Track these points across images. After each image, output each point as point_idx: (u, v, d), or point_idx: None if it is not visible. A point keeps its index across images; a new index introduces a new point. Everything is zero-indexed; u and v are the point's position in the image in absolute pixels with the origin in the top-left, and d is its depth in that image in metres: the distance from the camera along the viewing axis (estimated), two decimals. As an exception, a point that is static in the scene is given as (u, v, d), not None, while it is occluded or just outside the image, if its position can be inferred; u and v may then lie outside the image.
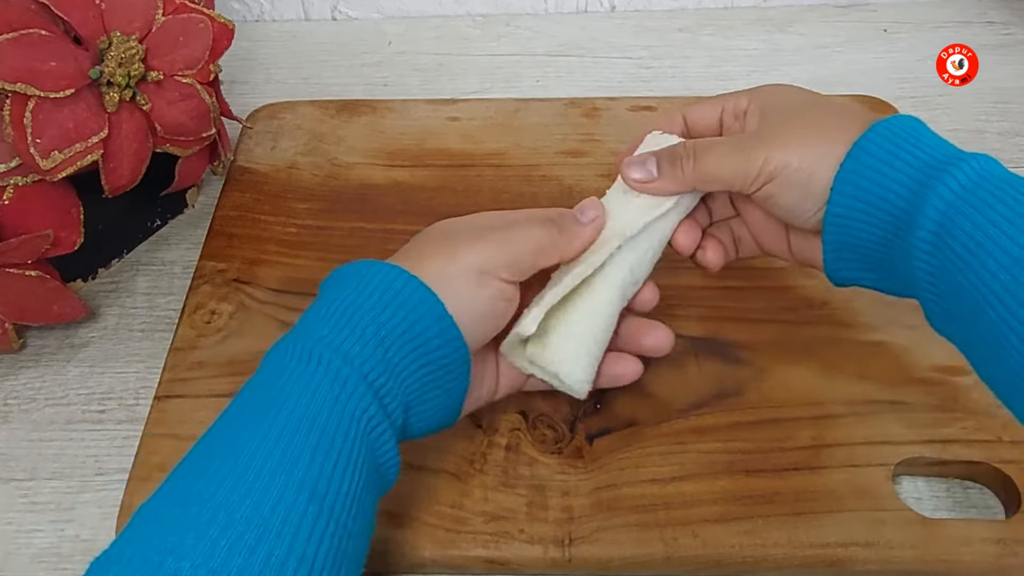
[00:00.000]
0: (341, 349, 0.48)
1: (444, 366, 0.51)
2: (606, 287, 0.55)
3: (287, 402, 0.46)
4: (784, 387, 0.62)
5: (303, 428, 0.45)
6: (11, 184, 0.61)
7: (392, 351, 0.49)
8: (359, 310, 0.50)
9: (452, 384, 0.53)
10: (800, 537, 0.55)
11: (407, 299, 0.50)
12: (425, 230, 0.56)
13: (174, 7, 0.67)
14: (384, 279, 0.50)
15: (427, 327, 0.50)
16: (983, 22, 0.96)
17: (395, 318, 0.49)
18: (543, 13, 1.00)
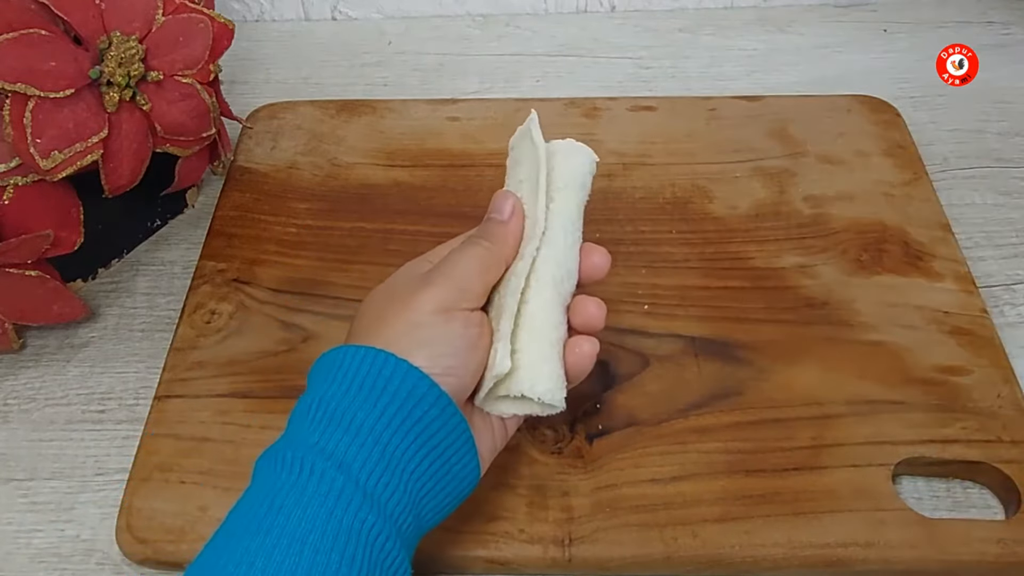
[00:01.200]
0: (335, 455, 0.45)
1: (448, 447, 0.48)
2: (538, 290, 0.53)
3: (277, 520, 0.43)
4: (784, 387, 0.62)
5: (293, 551, 0.42)
6: (11, 184, 0.61)
7: (392, 446, 0.46)
8: (350, 407, 0.47)
9: (460, 466, 0.49)
10: (800, 537, 0.55)
11: (399, 386, 0.47)
12: (364, 302, 0.54)
13: (174, 7, 0.66)
14: (371, 367, 0.48)
15: (425, 411, 0.47)
16: (983, 22, 0.96)
17: (390, 408, 0.47)
18: (543, 13, 1.00)
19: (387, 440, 0.46)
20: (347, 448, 0.45)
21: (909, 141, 0.79)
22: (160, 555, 0.56)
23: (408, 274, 0.54)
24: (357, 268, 0.71)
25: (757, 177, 0.76)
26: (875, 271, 0.69)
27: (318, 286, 0.70)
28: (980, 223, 0.76)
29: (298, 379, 0.64)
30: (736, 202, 0.75)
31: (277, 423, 0.61)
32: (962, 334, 0.65)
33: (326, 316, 0.68)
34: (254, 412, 0.62)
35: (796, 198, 0.75)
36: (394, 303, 0.51)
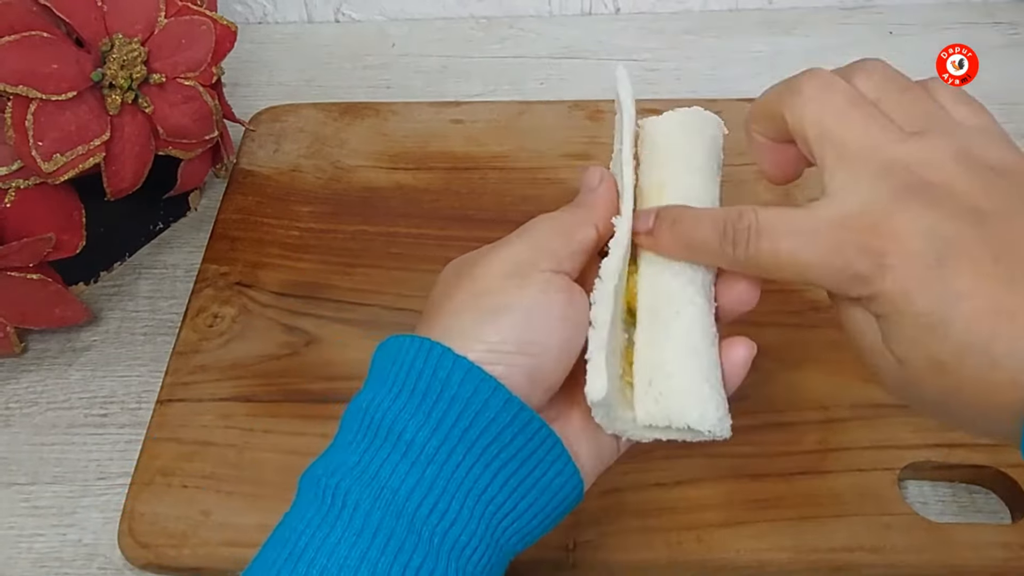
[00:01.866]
0: (377, 480, 0.38)
1: (528, 457, 0.41)
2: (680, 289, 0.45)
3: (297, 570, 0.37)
4: (789, 391, 0.62)
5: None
6: (13, 187, 0.61)
7: (451, 465, 0.39)
8: (399, 416, 0.40)
9: (548, 478, 0.42)
10: (805, 541, 0.55)
11: (459, 389, 0.39)
12: (440, 277, 0.47)
13: (176, 9, 0.66)
14: (424, 365, 0.40)
15: (491, 419, 0.39)
16: (989, 23, 0.96)
17: (448, 418, 0.39)
18: (547, 15, 1.00)
19: (444, 458, 0.39)
20: (393, 470, 0.39)
21: (915, 143, 0.78)
22: (162, 560, 0.56)
23: (484, 247, 0.46)
24: (360, 271, 0.70)
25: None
26: (881, 274, 0.69)
27: (321, 289, 0.70)
28: (986, 226, 0.75)
29: (301, 383, 0.64)
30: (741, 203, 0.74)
31: (280, 427, 0.61)
32: (968, 337, 0.65)
33: (329, 319, 0.67)
34: (257, 416, 0.62)
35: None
36: (463, 274, 0.44)
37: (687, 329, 0.44)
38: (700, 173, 0.48)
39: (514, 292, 0.42)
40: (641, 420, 0.44)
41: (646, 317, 0.45)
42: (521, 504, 0.41)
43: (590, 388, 0.41)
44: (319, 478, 0.40)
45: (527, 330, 0.41)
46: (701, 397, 0.43)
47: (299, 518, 0.39)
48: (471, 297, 0.42)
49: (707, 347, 0.44)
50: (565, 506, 0.43)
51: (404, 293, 0.69)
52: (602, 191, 0.47)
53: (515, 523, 0.41)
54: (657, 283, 0.45)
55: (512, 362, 0.40)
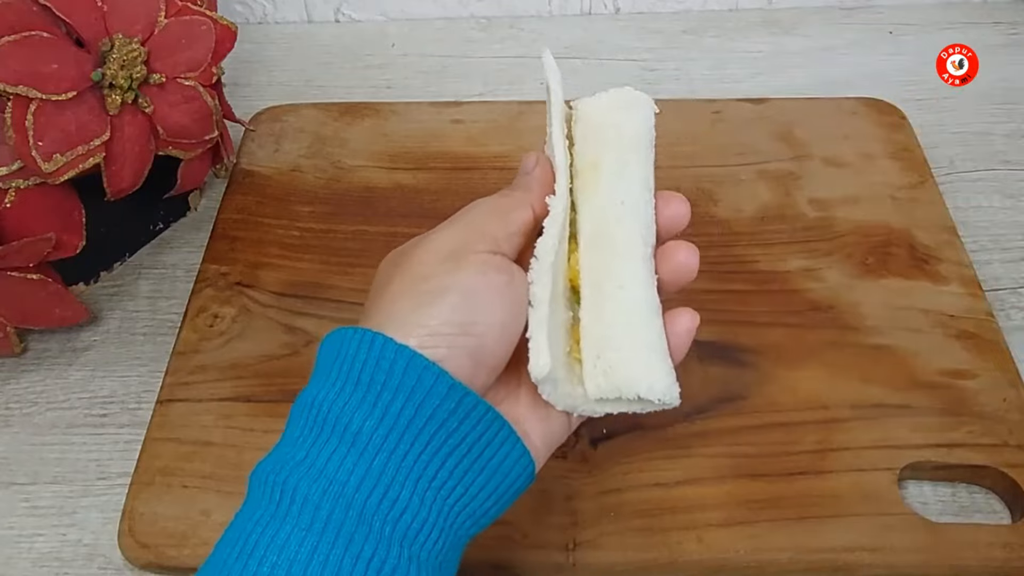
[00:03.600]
0: (325, 473, 0.38)
1: (476, 441, 0.41)
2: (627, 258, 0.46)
3: (248, 567, 0.37)
4: (789, 391, 0.62)
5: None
6: (13, 187, 0.61)
7: (399, 453, 0.39)
8: (345, 408, 0.40)
9: (498, 459, 0.42)
10: (805, 542, 0.55)
11: (403, 379, 0.39)
12: (379, 268, 0.47)
13: (176, 9, 0.66)
14: (367, 356, 0.40)
15: (437, 405, 0.40)
16: (989, 23, 0.96)
17: (393, 407, 0.39)
18: (547, 15, 1.00)
19: (392, 447, 0.39)
20: (340, 462, 0.38)
21: (915, 144, 0.78)
22: (162, 560, 0.56)
23: (420, 237, 0.46)
24: (360, 271, 0.70)
25: (762, 180, 0.76)
26: (881, 274, 0.69)
27: (321, 289, 0.70)
28: (986, 226, 0.75)
29: (301, 383, 0.63)
30: (741, 205, 0.74)
31: (280, 427, 0.61)
32: (968, 338, 0.65)
33: (329, 319, 0.67)
34: (257, 416, 0.62)
35: (801, 201, 0.74)
36: (399, 262, 0.45)
37: (630, 302, 0.45)
38: (633, 151, 0.49)
39: (451, 275, 0.42)
40: (592, 394, 0.45)
41: (589, 293, 0.46)
42: (472, 488, 0.41)
43: (533, 366, 0.42)
44: (267, 475, 0.40)
45: (467, 311, 0.41)
46: (649, 367, 0.44)
47: (248, 517, 0.39)
48: (409, 283, 0.42)
49: (651, 318, 0.45)
50: (517, 486, 0.44)
51: (404, 293, 0.69)
52: (537, 173, 0.48)
53: (467, 507, 0.41)
54: (598, 259, 0.46)
55: (454, 343, 0.41)
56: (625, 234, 0.46)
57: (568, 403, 0.45)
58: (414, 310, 0.41)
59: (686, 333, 0.46)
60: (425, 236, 0.45)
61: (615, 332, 0.45)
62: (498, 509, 0.44)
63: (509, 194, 0.48)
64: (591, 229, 0.47)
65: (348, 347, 0.41)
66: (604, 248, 0.46)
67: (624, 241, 0.46)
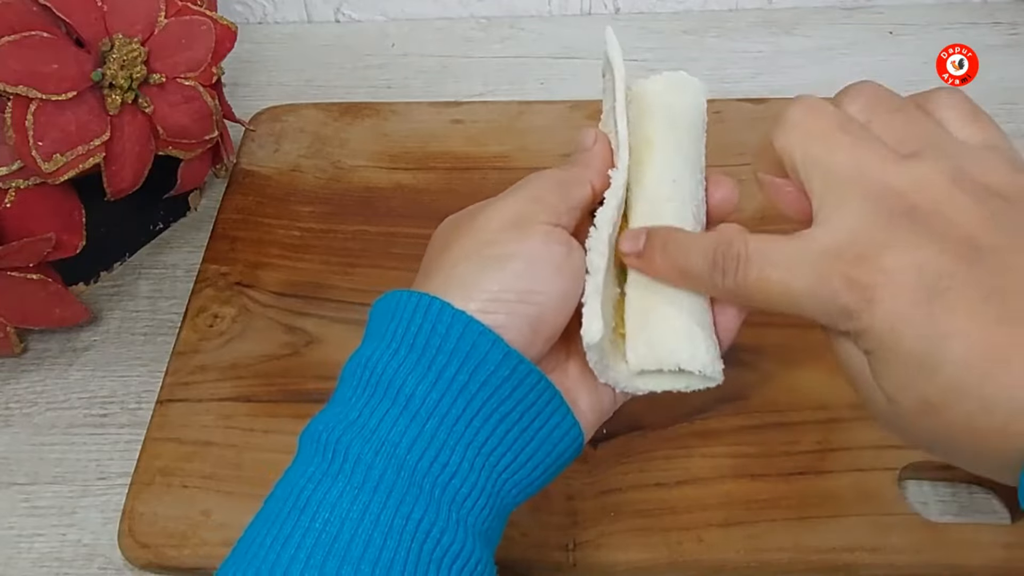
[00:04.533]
0: (377, 434, 0.39)
1: (528, 409, 0.41)
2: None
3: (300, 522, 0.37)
4: (789, 391, 0.62)
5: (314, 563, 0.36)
6: (13, 187, 0.61)
7: (451, 417, 0.39)
8: (399, 371, 0.40)
9: (548, 429, 0.42)
10: (805, 542, 0.55)
11: (458, 343, 0.39)
12: (436, 233, 0.47)
13: (176, 9, 0.66)
14: (423, 320, 0.40)
15: (491, 372, 0.40)
16: (989, 23, 0.96)
17: (447, 371, 0.39)
18: (547, 15, 1.00)
19: (445, 411, 0.39)
20: (393, 424, 0.39)
21: (915, 143, 0.78)
22: (162, 560, 0.56)
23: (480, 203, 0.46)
24: (360, 271, 0.70)
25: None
26: (881, 274, 0.69)
27: (321, 289, 0.70)
28: (986, 226, 0.75)
29: (302, 383, 0.64)
30: (741, 205, 0.73)
31: (280, 427, 0.61)
32: (968, 337, 0.65)
33: (330, 319, 0.67)
34: (257, 416, 0.62)
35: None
36: (461, 227, 0.44)
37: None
38: (687, 132, 0.49)
39: (515, 243, 0.42)
40: (633, 366, 0.44)
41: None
42: (521, 456, 0.41)
43: (586, 330, 0.41)
44: (319, 433, 0.40)
45: (529, 279, 0.41)
46: (691, 337, 0.43)
47: (300, 473, 0.39)
48: (472, 247, 0.42)
49: (697, 295, 0.44)
50: (566, 457, 0.44)
51: (404, 293, 0.69)
52: (597, 150, 0.48)
53: (515, 475, 0.41)
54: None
55: (514, 311, 0.41)
56: (675, 212, 0.46)
57: (611, 376, 0.44)
58: (476, 274, 0.41)
59: (734, 317, 0.46)
60: (487, 203, 0.45)
61: (659, 305, 0.44)
62: (546, 479, 0.43)
63: (569, 169, 0.47)
64: (642, 206, 0.47)
65: (404, 310, 0.41)
66: (654, 222, 0.46)
67: (674, 219, 0.45)
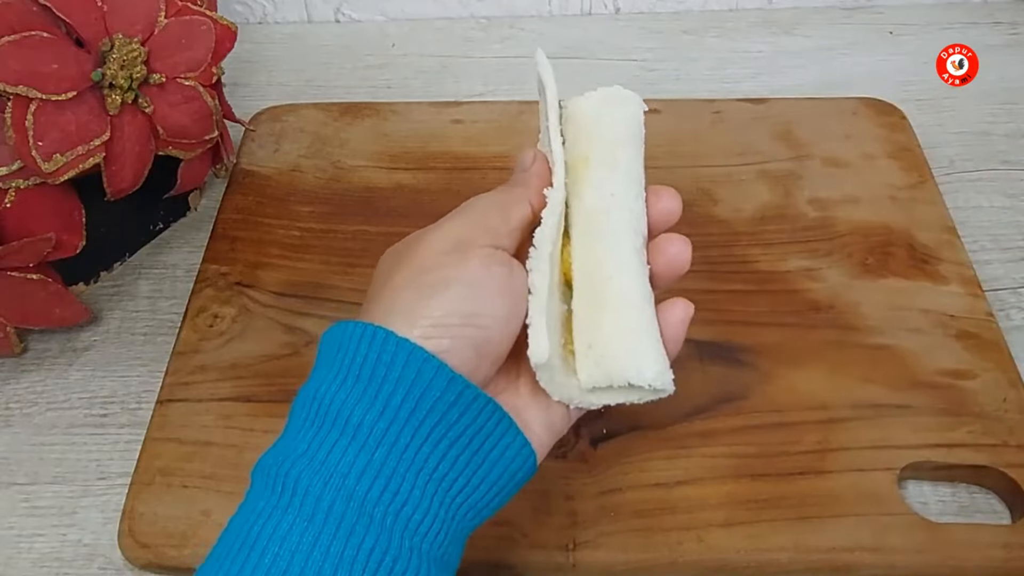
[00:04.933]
0: (327, 465, 0.38)
1: (477, 433, 0.41)
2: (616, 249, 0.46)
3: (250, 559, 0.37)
4: (789, 391, 0.62)
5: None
6: (13, 187, 0.61)
7: (399, 446, 0.39)
8: (347, 401, 0.40)
9: (499, 450, 0.42)
10: (806, 541, 0.55)
11: (403, 371, 0.40)
12: (379, 263, 0.48)
13: (176, 9, 0.66)
14: (368, 350, 0.40)
15: (438, 398, 0.40)
16: (989, 23, 0.96)
17: (394, 399, 0.39)
18: (547, 15, 1.00)
19: (393, 439, 0.39)
20: (342, 454, 0.39)
21: (915, 143, 0.78)
22: (163, 560, 0.56)
23: (420, 232, 0.47)
24: (360, 271, 0.70)
25: (762, 180, 0.76)
26: (881, 274, 0.69)
27: (321, 290, 0.70)
28: (986, 226, 0.75)
29: (301, 383, 0.63)
30: (741, 205, 0.74)
31: (280, 427, 0.61)
32: (968, 338, 0.65)
33: (329, 320, 0.67)
34: (257, 416, 0.62)
35: (801, 201, 0.74)
36: (401, 255, 0.45)
37: (620, 290, 0.45)
38: (623, 145, 0.49)
39: (455, 267, 0.42)
40: (584, 383, 0.45)
41: (582, 284, 0.46)
42: (474, 479, 0.41)
43: (533, 351, 0.42)
44: (268, 467, 0.40)
45: (471, 302, 0.42)
46: (638, 352, 0.44)
47: (251, 509, 0.39)
48: (412, 275, 0.43)
49: (642, 306, 0.45)
50: (519, 477, 0.44)
51: (404, 293, 0.69)
52: (535, 169, 0.49)
53: (469, 498, 0.41)
54: (589, 251, 0.46)
55: (458, 335, 0.41)
56: (615, 225, 0.46)
57: (563, 393, 0.45)
58: (418, 301, 0.42)
59: (680, 323, 0.46)
60: (426, 230, 0.45)
61: (605, 320, 0.45)
62: (500, 500, 0.44)
63: (508, 190, 0.48)
64: (582, 222, 0.47)
65: (349, 341, 0.41)
66: (595, 240, 0.46)
67: (614, 232, 0.46)
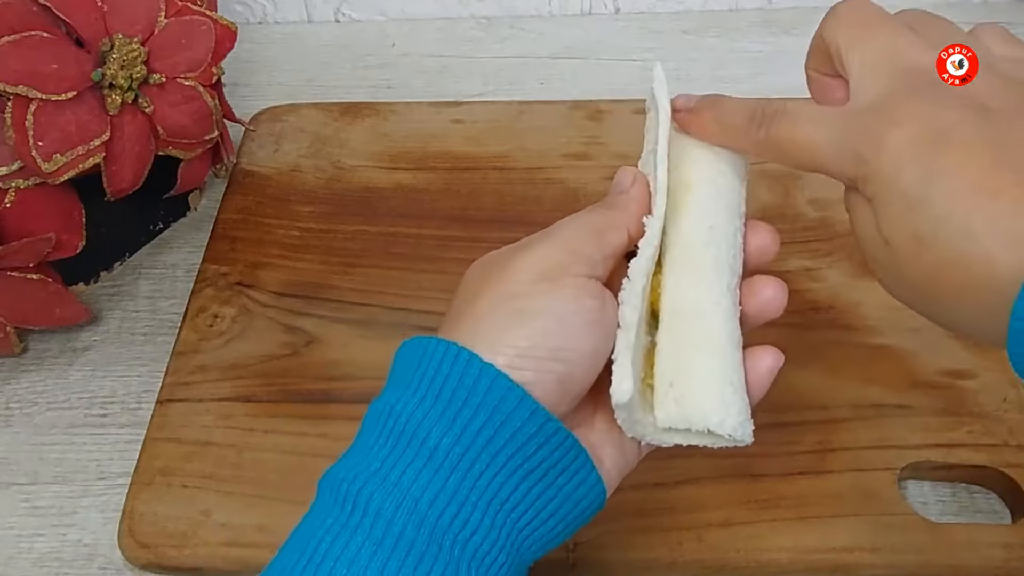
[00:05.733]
0: (400, 487, 0.37)
1: (552, 467, 0.40)
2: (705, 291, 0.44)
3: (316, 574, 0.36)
4: (789, 390, 0.62)
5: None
6: (13, 187, 0.61)
7: (474, 473, 0.38)
8: (424, 422, 0.38)
9: (572, 486, 0.41)
10: (805, 542, 0.55)
11: (485, 397, 0.38)
12: (465, 275, 0.45)
13: (176, 9, 0.66)
14: (450, 371, 0.39)
15: (518, 428, 0.38)
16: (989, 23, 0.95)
17: (473, 425, 0.38)
18: (547, 15, 1.00)
19: (468, 466, 0.38)
20: (416, 476, 0.38)
21: (915, 143, 0.78)
22: (163, 560, 0.56)
23: (512, 246, 0.45)
24: (360, 271, 0.70)
25: (762, 180, 0.76)
26: (881, 274, 0.69)
27: (321, 289, 0.70)
28: (986, 226, 0.75)
29: (301, 383, 0.64)
30: (741, 205, 0.74)
31: (280, 427, 0.61)
32: (968, 337, 0.65)
33: (329, 319, 0.67)
34: (257, 416, 0.62)
35: (801, 201, 0.74)
36: (490, 275, 0.42)
37: (710, 331, 0.43)
38: (726, 176, 0.47)
39: (545, 296, 0.40)
40: (661, 423, 0.43)
41: (669, 319, 0.44)
42: (543, 513, 0.40)
43: (616, 389, 0.40)
44: (340, 483, 0.39)
45: (559, 336, 0.40)
46: (723, 400, 0.42)
47: (319, 524, 0.38)
48: (500, 299, 0.41)
49: (731, 350, 0.43)
50: (588, 513, 0.43)
51: (404, 293, 0.69)
52: (635, 193, 0.46)
53: (536, 531, 0.40)
54: (681, 284, 0.44)
55: (543, 368, 0.39)
56: (711, 261, 0.44)
57: (638, 431, 0.43)
58: (504, 329, 0.40)
59: (768, 373, 0.44)
60: (517, 249, 0.43)
61: (691, 361, 0.42)
62: (566, 534, 0.42)
63: (604, 212, 0.45)
64: (677, 252, 0.45)
65: (431, 359, 0.40)
66: (688, 273, 0.44)
67: (710, 268, 0.44)
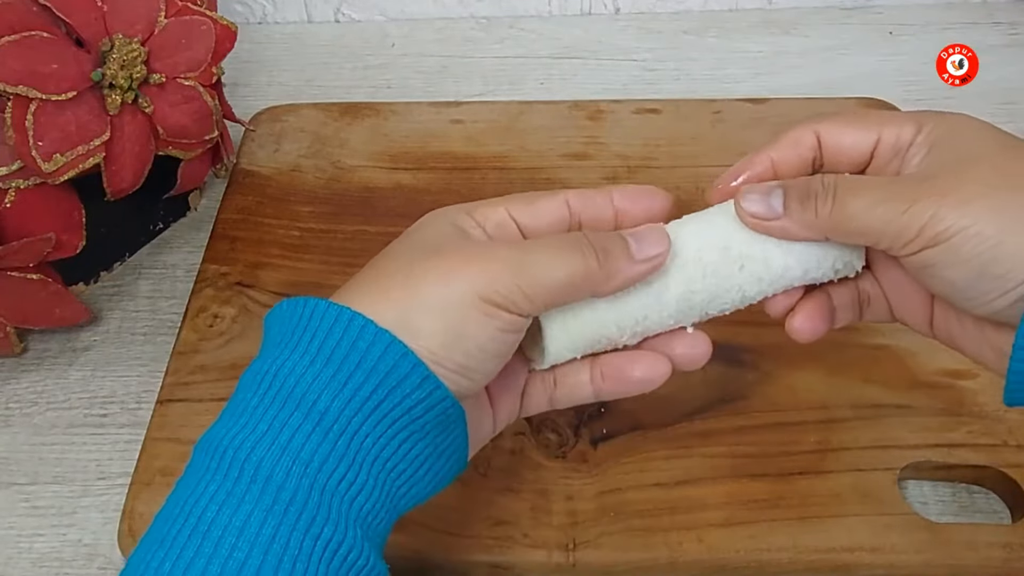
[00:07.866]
0: (289, 450, 0.37)
1: (432, 429, 0.41)
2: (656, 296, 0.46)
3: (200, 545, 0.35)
4: (789, 391, 0.62)
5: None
6: (13, 187, 0.61)
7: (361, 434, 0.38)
8: (313, 384, 0.38)
9: (448, 448, 0.42)
10: (805, 542, 0.55)
11: (378, 362, 0.38)
12: (382, 251, 0.46)
13: (176, 9, 0.66)
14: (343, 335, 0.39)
15: (407, 394, 0.39)
16: (989, 23, 0.96)
17: (364, 389, 0.38)
18: (547, 15, 1.00)
19: (356, 428, 0.38)
20: (305, 440, 0.37)
21: (915, 143, 0.78)
22: (162, 560, 0.56)
23: (448, 223, 0.45)
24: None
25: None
26: (881, 274, 0.69)
27: (321, 290, 0.69)
28: (986, 226, 0.75)
29: (301, 383, 0.64)
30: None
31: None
32: (968, 337, 0.65)
33: (329, 319, 0.67)
34: (256, 416, 0.62)
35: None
36: (435, 258, 0.42)
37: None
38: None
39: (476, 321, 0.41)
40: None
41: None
42: (420, 470, 0.41)
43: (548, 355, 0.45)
44: (222, 447, 0.38)
45: (472, 358, 0.41)
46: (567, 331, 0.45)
47: (203, 491, 0.37)
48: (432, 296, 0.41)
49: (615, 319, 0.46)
50: (456, 471, 0.44)
51: (404, 293, 0.69)
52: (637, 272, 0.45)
53: (412, 488, 0.42)
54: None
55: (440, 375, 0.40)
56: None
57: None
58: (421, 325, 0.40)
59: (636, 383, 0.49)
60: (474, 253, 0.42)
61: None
62: (430, 493, 0.44)
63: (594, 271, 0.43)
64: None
65: (321, 320, 0.39)
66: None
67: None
